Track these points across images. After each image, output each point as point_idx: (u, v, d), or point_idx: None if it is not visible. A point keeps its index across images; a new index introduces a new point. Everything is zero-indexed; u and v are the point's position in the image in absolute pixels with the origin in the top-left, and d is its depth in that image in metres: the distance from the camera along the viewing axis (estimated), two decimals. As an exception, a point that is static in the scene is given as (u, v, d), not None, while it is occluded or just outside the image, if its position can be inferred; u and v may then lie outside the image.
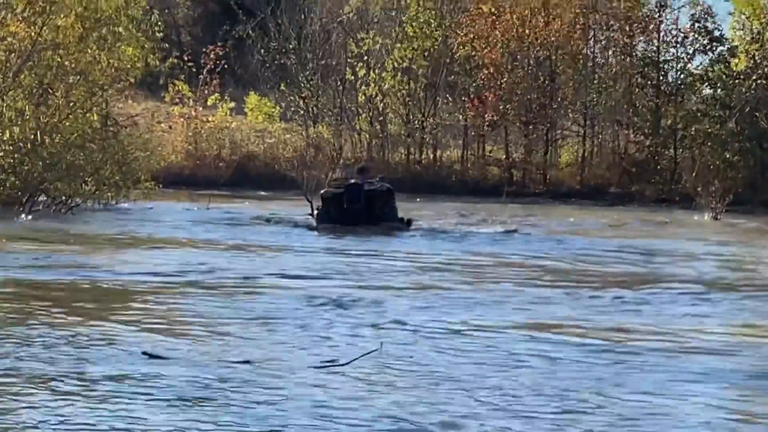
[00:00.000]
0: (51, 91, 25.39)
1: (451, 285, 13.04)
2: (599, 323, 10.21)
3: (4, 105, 23.52)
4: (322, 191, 23.00)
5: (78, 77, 25.77)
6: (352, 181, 22.49)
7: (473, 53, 40.60)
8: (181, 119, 40.67)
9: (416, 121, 42.56)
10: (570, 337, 9.30)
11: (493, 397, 6.81)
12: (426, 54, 42.33)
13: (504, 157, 41.57)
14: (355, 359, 7.60)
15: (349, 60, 43.44)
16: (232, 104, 42.66)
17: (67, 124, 25.19)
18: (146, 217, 24.03)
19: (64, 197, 24.73)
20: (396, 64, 42.28)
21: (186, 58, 37.94)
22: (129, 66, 27.15)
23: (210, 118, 41.49)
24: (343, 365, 7.47)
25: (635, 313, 11.03)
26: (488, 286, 13.13)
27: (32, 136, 23.82)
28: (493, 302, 11.56)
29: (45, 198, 24.86)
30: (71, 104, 25.50)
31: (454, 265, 15.66)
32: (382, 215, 21.97)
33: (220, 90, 42.10)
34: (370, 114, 43.13)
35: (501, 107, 40.11)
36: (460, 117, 42.62)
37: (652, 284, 13.50)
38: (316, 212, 22.77)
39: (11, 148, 23.64)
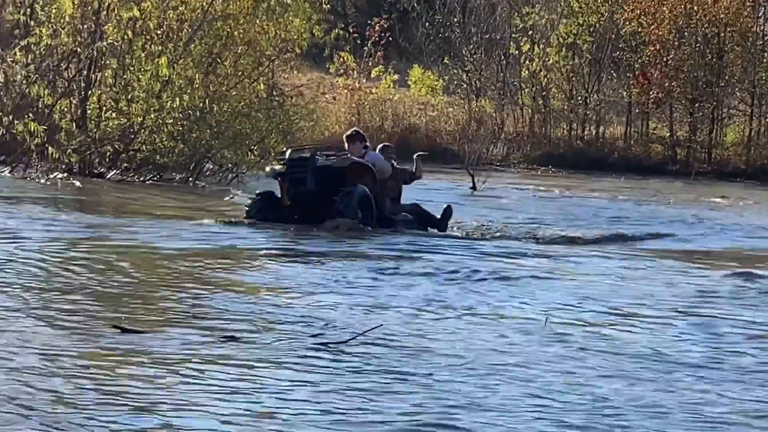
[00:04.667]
0: (219, 61, 25.91)
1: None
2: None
3: (175, 73, 24.09)
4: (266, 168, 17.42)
5: (246, 47, 26.26)
6: (300, 155, 15.70)
7: (639, 29, 40.10)
8: (345, 91, 41.04)
9: (579, 97, 42.26)
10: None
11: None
12: (591, 29, 41.96)
13: (668, 134, 41.02)
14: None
15: (513, 34, 43.31)
16: (396, 77, 42.86)
17: (234, 93, 25.69)
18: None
19: (230, 165, 25.26)
20: (561, 40, 42.03)
21: (351, 30, 38.24)
22: (295, 37, 27.55)
23: (373, 90, 41.78)
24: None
25: None
26: None
27: (201, 105, 24.38)
28: None
29: (212, 165, 25.45)
30: (239, 73, 26.00)
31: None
32: (344, 207, 14.74)
33: (383, 62, 42.36)
34: (533, 89, 42.94)
35: (666, 84, 39.56)
36: (624, 94, 42.19)
37: None
38: (249, 201, 16.05)
39: (181, 115, 24.23)
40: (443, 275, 10.76)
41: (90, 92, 24.29)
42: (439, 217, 15.88)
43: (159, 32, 24.74)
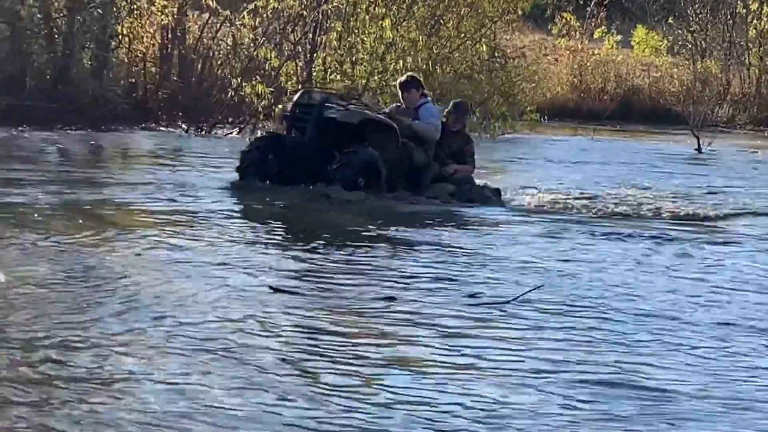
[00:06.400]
0: (442, 23, 26.00)
1: None
2: None
3: (398, 35, 24.27)
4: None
5: (468, 9, 26.27)
6: (310, 99, 13.05)
7: None
8: (567, 52, 40.63)
9: (810, 57, 40.85)
10: None
11: None
12: (824, -14, 40.47)
13: None
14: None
15: (740, -7, 42.10)
16: (619, 37, 42.21)
17: (457, 55, 25.77)
18: (530, 149, 24.18)
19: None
20: (791, -3, 40.67)
21: (574, -9, 37.89)
22: (518, -2, 27.47)
23: (595, 52, 41.25)
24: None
25: None
26: None
27: (424, 66, 24.50)
28: None
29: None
30: (461, 35, 26.05)
31: None
32: (339, 170, 12.09)
33: (606, 23, 41.80)
34: (761, 49, 41.65)
35: None
36: None
37: None
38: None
39: (404, 77, 24.40)
40: (615, 239, 10.43)
41: (315, 55, 24.69)
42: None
43: (383, -6, 24.94)
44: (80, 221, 9.87)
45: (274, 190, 12.30)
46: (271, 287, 7.08)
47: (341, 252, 8.79)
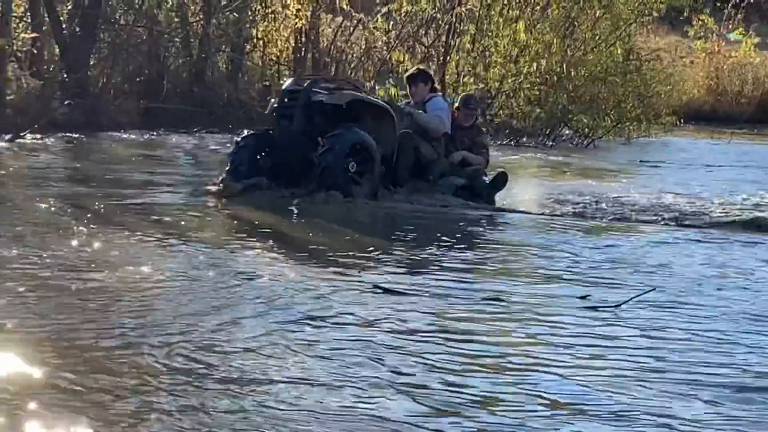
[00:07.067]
0: (576, 25, 25.77)
1: None
2: None
3: (532, 38, 24.13)
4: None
5: (603, 11, 26.00)
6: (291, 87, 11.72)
7: None
8: (703, 54, 40.01)
9: None
10: None
11: None
12: None
13: None
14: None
15: None
16: (757, 39, 41.42)
17: (591, 57, 25.52)
18: (665, 152, 23.84)
19: (586, 130, 25.09)
20: None
21: (711, -8, 37.27)
22: (653, 0, 27.10)
23: (732, 54, 40.54)
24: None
25: None
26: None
27: (558, 69, 24.32)
28: None
29: (568, 131, 25.35)
30: (596, 37, 25.79)
31: None
32: (326, 153, 11.00)
33: (744, 25, 41.05)
34: None
35: None
36: None
37: None
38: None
39: (538, 80, 24.27)
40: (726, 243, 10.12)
41: (448, 58, 24.65)
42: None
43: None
44: (214, 222, 9.96)
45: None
46: (379, 287, 7.02)
47: (435, 252, 8.69)
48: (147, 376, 4.90)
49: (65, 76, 19.92)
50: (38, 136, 17.25)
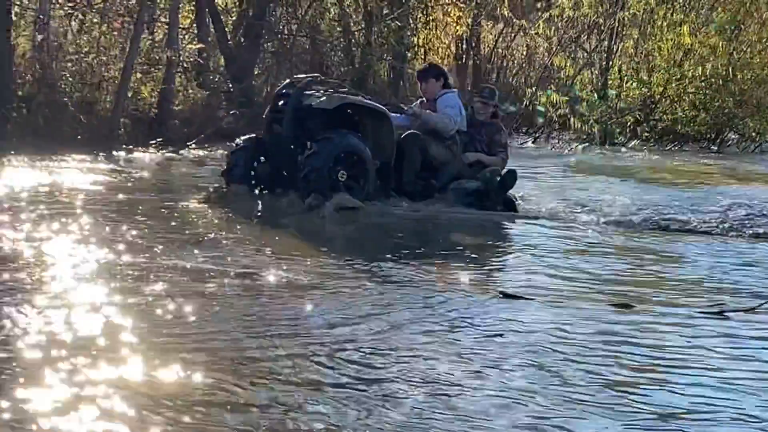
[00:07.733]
0: (743, 27, 25.26)
1: None
2: None
3: (697, 41, 23.75)
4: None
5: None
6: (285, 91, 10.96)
7: None
8: None
9: None
10: None
11: None
12: None
13: None
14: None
15: None
16: None
17: (758, 60, 24.98)
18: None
19: (753, 134, 24.57)
20: None
21: None
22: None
23: None
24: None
25: None
26: None
27: (723, 72, 23.88)
28: None
29: (734, 135, 24.86)
30: (762, 40, 25.24)
31: None
32: (311, 158, 10.21)
33: None
34: None
35: None
36: None
37: None
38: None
39: (703, 84, 23.88)
40: None
41: (611, 62, 24.42)
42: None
43: (681, 0, 24.47)
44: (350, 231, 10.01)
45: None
46: (502, 293, 6.95)
47: (548, 258, 8.58)
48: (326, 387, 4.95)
49: (230, 86, 20.30)
50: (205, 145, 17.59)
